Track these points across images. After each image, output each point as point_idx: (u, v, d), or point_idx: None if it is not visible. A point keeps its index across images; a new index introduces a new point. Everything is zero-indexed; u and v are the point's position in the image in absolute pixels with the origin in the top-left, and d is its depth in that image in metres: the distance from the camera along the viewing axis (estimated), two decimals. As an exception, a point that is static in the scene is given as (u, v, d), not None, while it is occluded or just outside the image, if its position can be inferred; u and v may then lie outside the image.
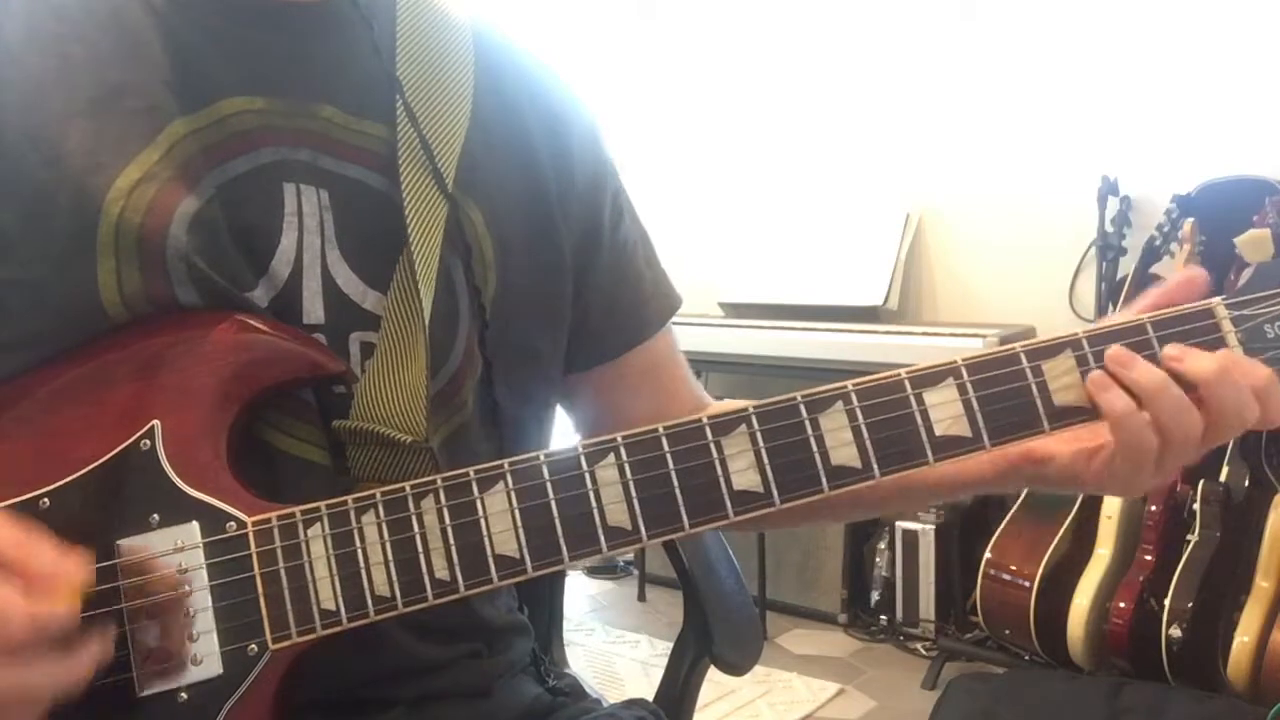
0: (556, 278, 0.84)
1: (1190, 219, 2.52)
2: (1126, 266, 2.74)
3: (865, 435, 0.66)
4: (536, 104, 0.85)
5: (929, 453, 0.67)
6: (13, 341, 0.68)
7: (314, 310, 0.73)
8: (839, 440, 0.67)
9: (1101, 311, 2.78)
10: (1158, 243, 2.63)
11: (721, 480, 0.66)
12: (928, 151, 3.16)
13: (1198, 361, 0.66)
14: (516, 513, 0.65)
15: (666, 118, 3.64)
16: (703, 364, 3.30)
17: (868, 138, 3.27)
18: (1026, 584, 2.48)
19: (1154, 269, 2.65)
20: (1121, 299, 2.63)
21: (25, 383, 0.68)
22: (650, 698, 1.01)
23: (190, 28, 0.73)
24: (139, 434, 0.66)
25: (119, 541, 0.64)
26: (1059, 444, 0.72)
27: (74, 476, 0.65)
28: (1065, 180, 2.90)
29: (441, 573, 0.65)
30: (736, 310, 3.32)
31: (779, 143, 3.44)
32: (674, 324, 0.96)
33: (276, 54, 0.74)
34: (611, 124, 0.92)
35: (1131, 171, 2.80)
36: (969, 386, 0.67)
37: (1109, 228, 2.79)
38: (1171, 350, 0.67)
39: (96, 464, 0.65)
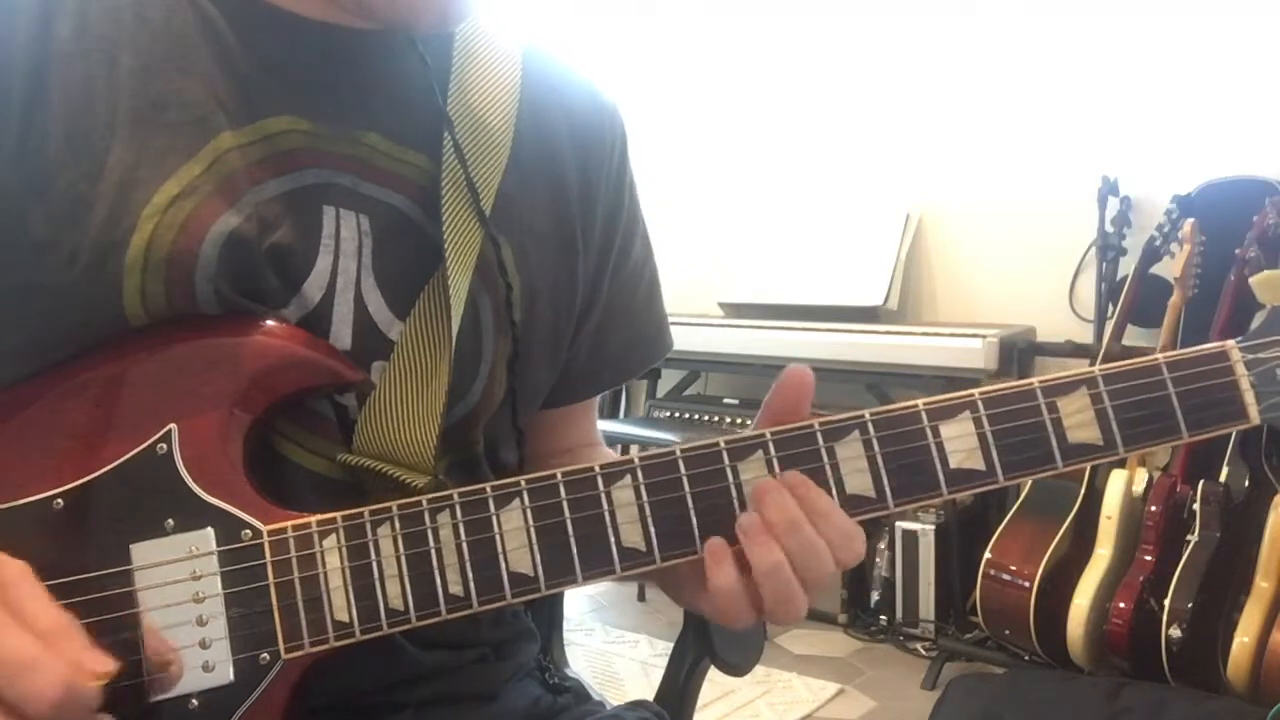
0: (568, 321, 0.84)
1: (1190, 219, 2.52)
2: (1126, 267, 2.74)
3: (880, 465, 0.66)
4: (574, 137, 0.84)
5: (943, 485, 0.66)
6: (31, 345, 0.67)
7: (341, 336, 0.72)
8: (853, 469, 0.67)
9: (1101, 312, 2.78)
10: (1158, 243, 2.64)
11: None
12: (928, 152, 3.16)
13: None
14: (532, 531, 0.65)
15: (666, 117, 3.64)
16: (703, 364, 3.31)
17: (868, 138, 3.27)
18: (1026, 584, 2.48)
19: (1154, 269, 2.65)
20: (1122, 299, 2.63)
21: (42, 382, 0.67)
22: (650, 698, 1.01)
23: (242, 43, 0.72)
24: (156, 437, 0.65)
25: (132, 545, 0.63)
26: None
27: (89, 478, 0.64)
28: (1065, 180, 2.90)
29: (456, 588, 0.64)
30: (736, 310, 3.32)
31: (779, 142, 3.44)
32: (674, 324, 0.96)
33: (326, 78, 0.74)
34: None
35: (1131, 172, 2.80)
36: (985, 420, 0.67)
37: (1109, 228, 2.80)
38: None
39: (112, 466, 0.65)
